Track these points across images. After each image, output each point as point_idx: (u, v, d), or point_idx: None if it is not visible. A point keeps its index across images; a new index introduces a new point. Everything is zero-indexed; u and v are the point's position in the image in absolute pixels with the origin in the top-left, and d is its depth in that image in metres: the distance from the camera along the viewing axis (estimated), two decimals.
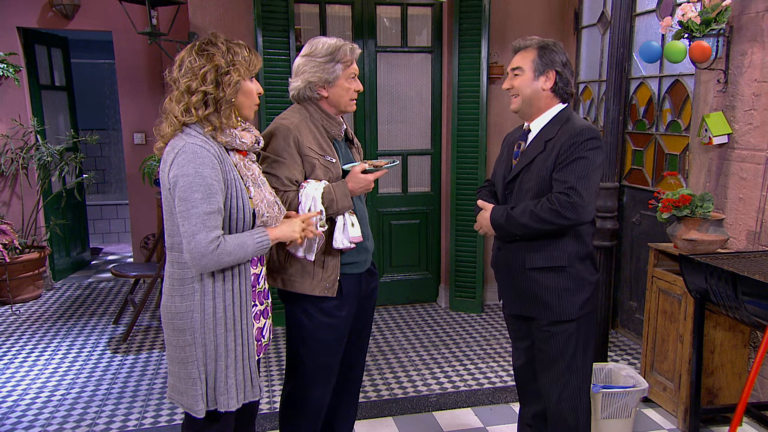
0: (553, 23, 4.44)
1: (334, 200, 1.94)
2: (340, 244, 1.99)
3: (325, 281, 2.03)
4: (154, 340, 3.94)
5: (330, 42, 2.01)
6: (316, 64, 1.99)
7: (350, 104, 2.07)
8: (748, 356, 2.80)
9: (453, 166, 4.28)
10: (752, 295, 2.14)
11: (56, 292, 5.02)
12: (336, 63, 1.99)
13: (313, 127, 2.02)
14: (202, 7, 3.82)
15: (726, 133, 2.91)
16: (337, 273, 2.05)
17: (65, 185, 5.10)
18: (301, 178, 1.98)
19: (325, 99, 2.04)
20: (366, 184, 1.99)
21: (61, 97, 5.55)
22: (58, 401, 3.11)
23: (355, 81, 2.06)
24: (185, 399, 1.73)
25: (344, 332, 2.14)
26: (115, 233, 7.19)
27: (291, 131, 1.97)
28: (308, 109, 2.05)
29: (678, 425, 2.81)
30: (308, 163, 1.98)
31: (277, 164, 1.96)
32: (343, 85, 2.02)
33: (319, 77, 2.00)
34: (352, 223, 2.01)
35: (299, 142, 1.97)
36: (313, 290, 2.02)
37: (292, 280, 2.04)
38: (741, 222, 2.88)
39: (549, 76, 1.98)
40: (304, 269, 2.02)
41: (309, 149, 1.98)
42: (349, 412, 2.37)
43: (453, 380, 3.32)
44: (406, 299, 4.62)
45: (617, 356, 3.64)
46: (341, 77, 2.01)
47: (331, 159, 2.02)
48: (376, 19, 4.27)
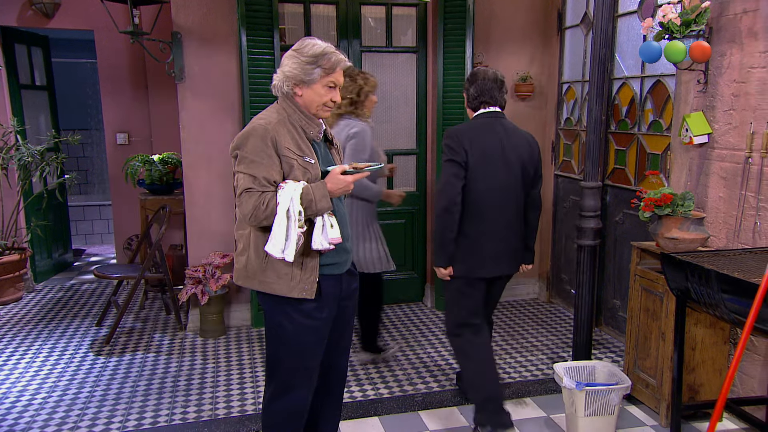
0: (536, 24, 4.47)
1: (313, 201, 1.93)
2: (319, 246, 1.98)
3: (303, 283, 2.02)
4: (137, 342, 3.90)
5: (320, 46, 2.01)
6: (298, 62, 2.00)
7: (322, 110, 2.06)
8: (728, 353, 2.85)
9: (438, 165, 4.29)
10: (731, 292, 2.18)
11: (37, 294, 4.96)
12: (317, 67, 1.99)
13: (291, 128, 2.02)
14: (185, 6, 3.79)
15: (706, 132, 2.95)
16: (316, 274, 2.04)
17: (46, 186, 5.03)
18: (279, 179, 1.97)
19: (300, 98, 2.05)
20: (345, 185, 1.99)
21: (41, 96, 5.48)
22: (39, 404, 3.07)
23: (333, 91, 2.04)
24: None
25: (324, 334, 2.13)
26: (98, 234, 7.12)
27: (268, 131, 1.96)
28: (287, 109, 2.05)
29: (660, 421, 2.84)
30: (286, 164, 1.98)
31: (254, 165, 1.95)
32: (319, 91, 2.02)
33: (295, 74, 2.00)
34: (332, 224, 2.00)
35: (277, 142, 1.96)
36: (291, 292, 2.01)
37: (269, 282, 2.03)
38: (721, 220, 2.92)
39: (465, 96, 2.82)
40: (281, 271, 2.01)
41: (287, 149, 1.97)
42: (333, 413, 2.36)
43: (439, 379, 3.33)
44: (392, 299, 4.63)
45: (601, 354, 3.68)
46: (318, 82, 2.01)
47: (309, 160, 2.01)
48: (360, 19, 4.27)
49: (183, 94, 3.89)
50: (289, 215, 1.90)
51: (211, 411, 3.00)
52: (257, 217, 1.95)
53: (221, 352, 3.73)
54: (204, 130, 3.93)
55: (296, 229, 1.90)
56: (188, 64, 3.85)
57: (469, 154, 2.61)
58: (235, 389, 3.23)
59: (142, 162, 4.79)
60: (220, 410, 3.00)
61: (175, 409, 3.02)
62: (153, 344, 3.87)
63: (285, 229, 1.90)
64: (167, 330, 4.12)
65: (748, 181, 2.75)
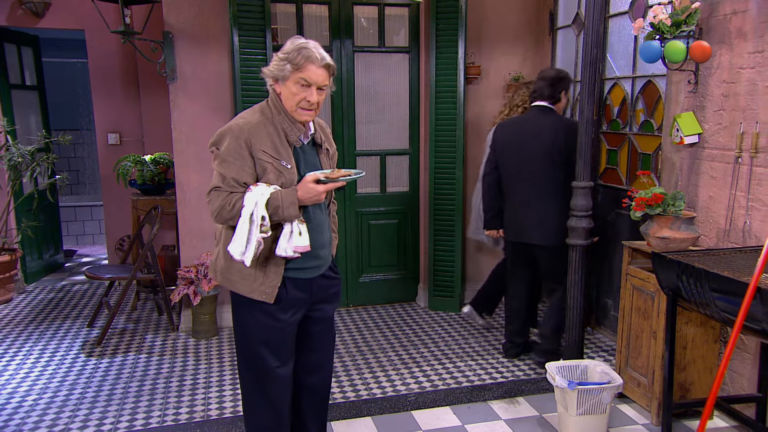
0: (528, 24, 4.48)
1: (280, 207, 1.90)
2: (283, 252, 1.95)
3: (265, 286, 2.01)
4: (129, 342, 3.88)
5: (297, 43, 1.98)
6: (276, 59, 1.99)
7: (298, 111, 1.98)
8: (718, 351, 2.86)
9: (431, 165, 4.30)
10: (722, 291, 2.19)
11: (28, 296, 4.92)
12: (287, 63, 1.95)
13: (272, 130, 1.99)
14: (176, 5, 3.78)
15: (697, 132, 2.97)
16: (279, 280, 2.02)
17: (37, 186, 5.00)
18: (250, 180, 1.96)
19: (280, 96, 2.02)
20: (316, 194, 1.93)
21: (32, 96, 5.44)
22: (29, 406, 3.04)
23: (307, 89, 1.96)
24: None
25: (290, 335, 2.12)
26: (90, 235, 7.07)
27: (243, 132, 1.95)
28: (272, 110, 2.02)
29: (651, 420, 2.86)
30: (260, 166, 1.96)
31: (225, 164, 1.95)
32: (291, 88, 1.96)
33: (272, 71, 1.99)
34: (300, 232, 1.95)
35: (251, 144, 1.94)
36: (252, 294, 2.01)
37: (234, 281, 2.04)
38: (711, 220, 2.94)
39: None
40: (245, 272, 2.01)
41: (262, 152, 1.95)
42: (318, 413, 2.36)
43: (432, 379, 3.34)
44: (385, 299, 4.63)
45: (593, 353, 3.69)
46: (289, 79, 1.96)
47: (285, 164, 1.98)
48: (353, 19, 4.27)
49: (175, 94, 3.87)
50: (252, 219, 1.88)
51: (203, 412, 2.99)
52: (222, 216, 1.96)
53: (214, 353, 3.72)
54: (196, 130, 3.91)
55: (258, 233, 1.88)
56: (180, 64, 3.84)
57: (498, 143, 3.46)
58: (228, 390, 3.22)
59: (133, 162, 4.77)
60: (213, 411, 2.99)
61: (167, 410, 3.01)
62: (145, 345, 3.85)
63: (247, 232, 1.89)
64: (159, 331, 4.10)
65: (738, 181, 2.77)
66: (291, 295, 2.06)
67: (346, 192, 4.42)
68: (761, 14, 2.62)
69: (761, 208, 2.65)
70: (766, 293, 1.99)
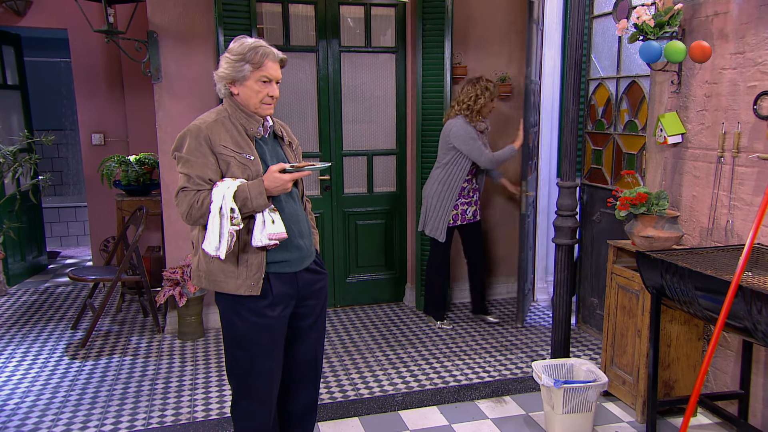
0: (514, 24, 4.50)
1: (248, 198, 1.93)
2: (259, 242, 1.98)
3: (249, 280, 2.02)
4: (114, 345, 3.84)
5: (247, 42, 2.01)
6: (228, 62, 2.01)
7: (261, 107, 2.04)
8: (702, 349, 2.90)
9: (418, 165, 4.30)
10: (705, 290, 2.22)
11: (11, 298, 4.85)
12: (245, 63, 1.99)
13: (231, 125, 2.03)
14: (161, 5, 3.74)
15: (680, 132, 3.00)
16: (262, 272, 2.03)
17: (19, 187, 4.93)
18: (215, 177, 1.99)
19: (238, 97, 2.05)
20: (282, 183, 1.97)
21: (14, 96, 5.37)
22: (11, 410, 3.00)
23: (268, 86, 2.02)
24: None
25: (279, 333, 2.12)
26: (74, 236, 6.99)
27: (202, 130, 1.99)
28: (228, 108, 2.06)
29: (636, 417, 2.88)
30: (223, 162, 1.99)
31: (189, 164, 1.98)
32: (253, 87, 2.01)
33: (227, 74, 2.02)
34: (273, 220, 1.98)
35: (211, 141, 1.98)
36: (238, 290, 2.02)
37: (217, 280, 2.04)
38: (695, 219, 2.98)
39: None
40: (228, 269, 2.02)
41: (223, 147, 1.99)
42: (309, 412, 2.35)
43: (419, 379, 3.34)
44: (372, 299, 4.63)
45: (579, 352, 3.72)
46: (250, 78, 2.00)
47: (248, 156, 2.01)
48: (339, 19, 4.26)
49: (160, 94, 3.84)
50: (222, 213, 1.91)
51: (189, 414, 2.96)
52: (192, 216, 1.97)
53: (200, 354, 3.69)
54: (181, 131, 3.87)
55: (229, 226, 1.90)
56: (165, 64, 3.81)
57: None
58: (214, 392, 3.20)
59: (118, 163, 4.73)
60: (199, 413, 2.97)
61: (153, 412, 2.98)
62: (130, 347, 3.81)
63: (218, 227, 1.91)
64: (144, 332, 4.07)
65: (720, 180, 2.80)
66: (277, 290, 2.07)
67: (333, 192, 4.41)
68: (742, 16, 2.65)
69: (743, 207, 2.68)
70: (748, 291, 2.01)
